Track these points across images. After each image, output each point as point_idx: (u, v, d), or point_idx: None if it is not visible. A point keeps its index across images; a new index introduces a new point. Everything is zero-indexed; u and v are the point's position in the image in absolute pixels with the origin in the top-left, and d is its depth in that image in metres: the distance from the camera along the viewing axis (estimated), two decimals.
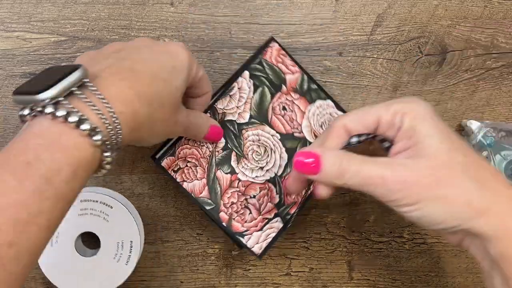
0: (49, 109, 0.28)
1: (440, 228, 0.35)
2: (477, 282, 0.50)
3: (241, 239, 0.45)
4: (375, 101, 0.50)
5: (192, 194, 0.45)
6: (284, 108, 0.48)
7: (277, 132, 0.47)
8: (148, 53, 0.35)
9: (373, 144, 0.40)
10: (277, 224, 0.46)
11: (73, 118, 0.28)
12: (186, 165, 0.45)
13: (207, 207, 0.45)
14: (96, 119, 0.29)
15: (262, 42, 0.49)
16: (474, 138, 0.47)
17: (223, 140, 0.46)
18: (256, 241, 0.45)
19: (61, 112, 0.28)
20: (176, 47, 0.37)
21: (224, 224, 0.45)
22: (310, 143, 0.47)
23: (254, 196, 0.46)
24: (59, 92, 0.29)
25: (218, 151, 0.46)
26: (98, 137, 0.29)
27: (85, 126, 0.28)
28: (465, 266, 0.50)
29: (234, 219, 0.45)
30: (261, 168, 0.47)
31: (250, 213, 0.46)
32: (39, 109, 0.29)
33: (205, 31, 0.49)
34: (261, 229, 0.46)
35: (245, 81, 0.47)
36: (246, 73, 0.47)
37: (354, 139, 0.37)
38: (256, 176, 0.46)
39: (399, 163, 0.34)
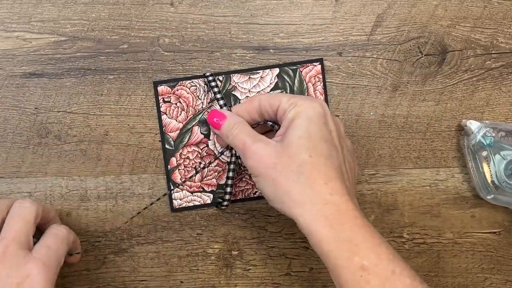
0: None
1: (274, 207, 0.40)
2: (477, 282, 0.50)
3: (171, 185, 0.49)
4: (375, 101, 0.50)
5: (164, 128, 0.49)
6: None
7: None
8: None
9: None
10: (206, 198, 0.49)
11: None
12: (176, 104, 0.49)
13: (166, 146, 0.49)
14: None
15: (262, 42, 0.49)
16: (474, 138, 0.48)
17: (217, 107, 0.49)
18: (180, 197, 0.49)
19: None
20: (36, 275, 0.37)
21: (169, 166, 0.49)
22: None
23: (208, 166, 0.49)
24: None
25: (207, 112, 0.48)
26: None
27: None
28: (465, 266, 0.50)
29: (179, 169, 0.49)
30: (230, 150, 0.48)
31: (195, 175, 0.49)
32: None
33: (205, 31, 0.49)
34: (192, 192, 0.49)
35: (270, 75, 0.49)
36: (276, 70, 0.49)
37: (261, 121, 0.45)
38: (221, 154, 0.49)
39: (264, 141, 0.40)
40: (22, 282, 0.36)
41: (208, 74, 0.48)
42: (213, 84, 0.48)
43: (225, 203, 0.48)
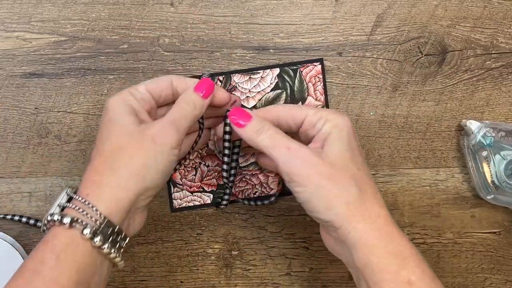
0: (47, 219, 0.36)
1: (318, 217, 0.38)
2: (477, 282, 0.50)
3: (171, 184, 0.49)
4: (375, 101, 0.50)
5: None
6: None
7: None
8: (100, 133, 0.39)
9: None
10: (206, 198, 0.49)
11: (56, 217, 0.35)
12: None
13: None
14: (76, 213, 0.35)
15: (262, 42, 0.49)
16: (474, 138, 0.48)
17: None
18: (180, 197, 0.49)
19: (55, 217, 0.35)
20: (105, 105, 0.40)
21: None
22: None
23: (208, 166, 0.49)
24: (53, 209, 0.38)
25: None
26: (67, 219, 0.35)
27: (64, 219, 0.35)
28: (465, 266, 0.50)
29: (178, 169, 0.48)
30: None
31: (195, 175, 0.49)
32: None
33: (205, 31, 0.49)
34: (192, 193, 0.49)
35: (271, 75, 0.49)
36: (277, 70, 0.49)
37: None
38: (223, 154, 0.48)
39: (309, 147, 0.39)
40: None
41: (206, 74, 0.47)
42: None
43: (224, 202, 0.48)
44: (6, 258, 0.47)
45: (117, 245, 0.36)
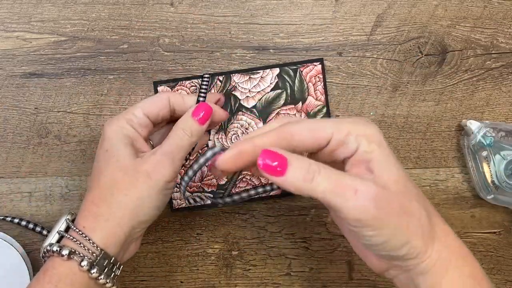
0: (47, 249, 0.37)
1: (391, 254, 0.33)
2: None
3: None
4: (375, 101, 0.50)
5: None
6: None
7: None
8: (96, 165, 0.40)
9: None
10: (206, 199, 0.49)
11: (55, 248, 0.36)
12: None
13: None
14: (73, 245, 0.36)
15: (262, 42, 0.49)
16: (474, 138, 0.48)
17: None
18: (180, 197, 0.49)
19: (54, 248, 0.36)
20: (103, 132, 0.40)
21: None
22: None
23: (207, 166, 0.47)
24: (50, 240, 0.38)
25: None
26: (65, 251, 0.36)
27: (63, 251, 0.36)
28: None
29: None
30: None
31: (195, 175, 0.47)
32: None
33: (205, 31, 0.49)
34: (191, 193, 0.49)
35: (271, 75, 0.49)
36: (276, 70, 0.49)
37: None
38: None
39: (373, 182, 0.32)
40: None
41: (206, 76, 0.47)
42: (204, 85, 0.46)
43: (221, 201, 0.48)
44: (5, 258, 0.47)
45: (112, 275, 0.37)
